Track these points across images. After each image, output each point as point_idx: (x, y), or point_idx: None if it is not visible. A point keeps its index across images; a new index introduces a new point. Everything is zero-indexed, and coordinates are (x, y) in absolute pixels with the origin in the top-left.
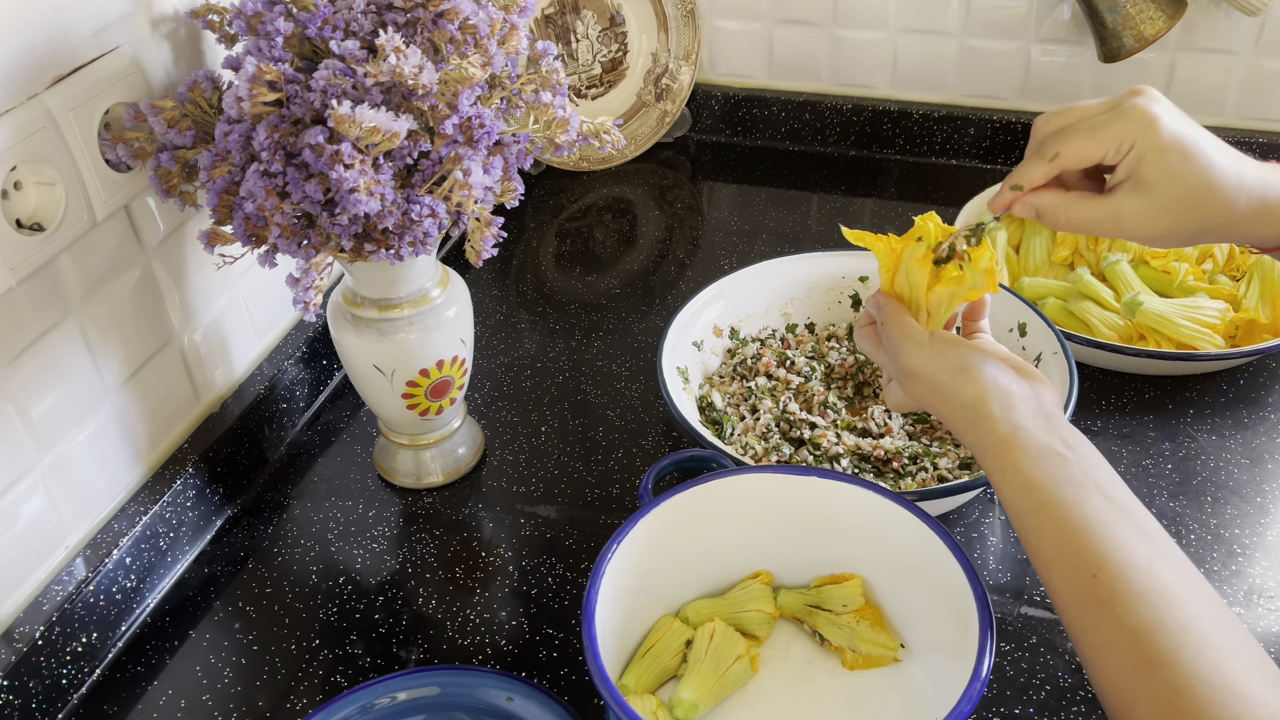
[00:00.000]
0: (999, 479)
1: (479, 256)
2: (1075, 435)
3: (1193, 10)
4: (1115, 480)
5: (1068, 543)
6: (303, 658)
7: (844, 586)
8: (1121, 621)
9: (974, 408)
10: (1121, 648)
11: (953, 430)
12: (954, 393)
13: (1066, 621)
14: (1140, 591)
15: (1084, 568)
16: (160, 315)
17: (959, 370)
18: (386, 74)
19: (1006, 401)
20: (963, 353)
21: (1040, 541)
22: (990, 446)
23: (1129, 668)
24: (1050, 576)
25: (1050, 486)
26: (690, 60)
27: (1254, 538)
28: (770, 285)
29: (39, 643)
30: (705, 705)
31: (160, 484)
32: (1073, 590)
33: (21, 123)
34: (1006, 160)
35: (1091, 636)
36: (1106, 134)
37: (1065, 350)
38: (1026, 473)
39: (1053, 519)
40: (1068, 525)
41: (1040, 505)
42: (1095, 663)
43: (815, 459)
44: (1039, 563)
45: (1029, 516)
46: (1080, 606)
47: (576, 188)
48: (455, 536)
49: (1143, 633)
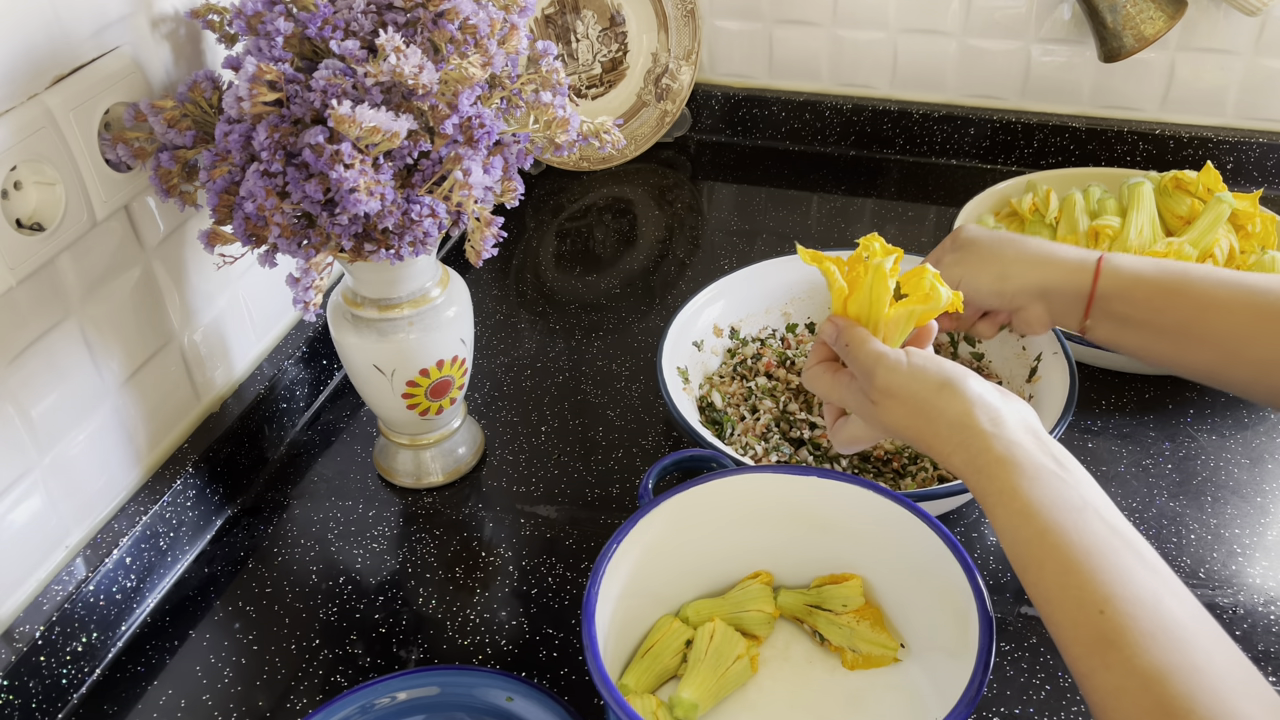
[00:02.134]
0: (994, 502)
1: (479, 256)
2: (1065, 453)
3: (1193, 10)
4: (1109, 503)
5: (1071, 575)
6: (303, 658)
7: (844, 586)
8: (1133, 664)
9: (962, 424)
10: (1134, 692)
11: (936, 454)
12: (939, 410)
13: (1071, 660)
14: (1150, 630)
15: (1090, 603)
16: (160, 315)
17: (941, 386)
18: (386, 74)
19: (995, 417)
20: (943, 368)
21: (1041, 573)
22: (985, 466)
23: (1143, 714)
24: (1052, 612)
25: (1050, 512)
26: (690, 60)
27: (1254, 538)
28: (771, 285)
29: (39, 642)
30: (705, 705)
31: (160, 484)
32: (1078, 628)
33: (21, 123)
34: (1006, 160)
35: (1100, 679)
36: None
37: (1065, 350)
38: (1025, 495)
39: (1054, 548)
40: (1070, 556)
41: (1040, 532)
42: (1106, 707)
43: (815, 459)
44: (1039, 595)
45: (1028, 545)
46: (1087, 646)
47: (576, 188)
48: (455, 536)
49: (1155, 677)
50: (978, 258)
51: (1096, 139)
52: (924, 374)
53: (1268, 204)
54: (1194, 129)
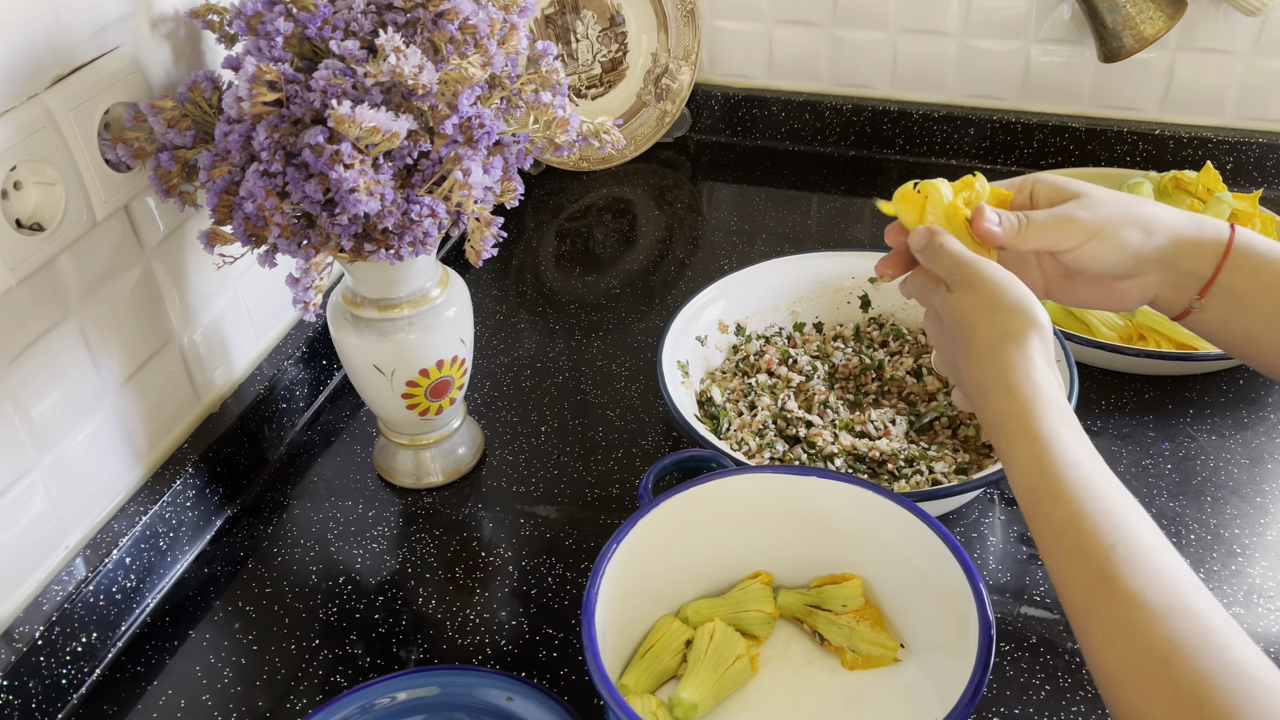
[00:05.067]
0: (1016, 426)
1: (479, 256)
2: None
3: (1193, 10)
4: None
5: (1087, 507)
6: (303, 658)
7: (844, 586)
8: (1142, 599)
9: (1017, 338)
10: (1140, 627)
11: (975, 356)
12: (1004, 317)
13: (1071, 597)
14: (1158, 569)
15: (1102, 538)
16: (160, 315)
17: (1017, 303)
18: (386, 74)
19: (1048, 354)
20: (1021, 286)
21: (1055, 504)
22: (1017, 386)
23: (1145, 651)
24: (1060, 543)
25: (1072, 450)
26: (690, 60)
27: (1254, 538)
28: (776, 284)
29: (39, 643)
30: (705, 705)
31: (160, 484)
32: (1087, 560)
33: (21, 123)
34: (1006, 160)
35: (1104, 613)
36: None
37: (1065, 350)
38: (1051, 427)
39: (1073, 480)
40: (1089, 491)
41: (1061, 465)
42: (1104, 645)
43: (810, 457)
44: (1050, 526)
45: (1044, 475)
46: (1092, 583)
47: (576, 188)
48: (455, 536)
49: (1163, 613)
50: (1107, 206)
51: (1096, 139)
52: (1007, 280)
53: (1268, 204)
54: (1194, 129)
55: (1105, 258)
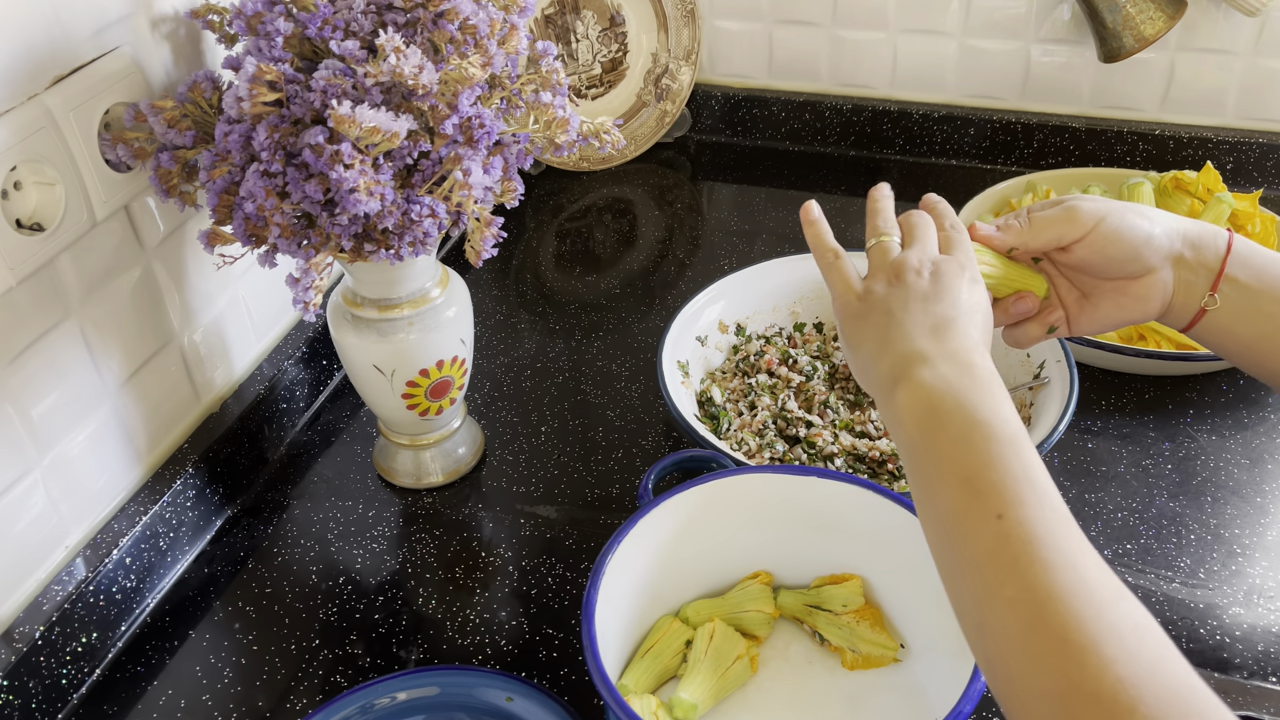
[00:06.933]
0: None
1: (479, 256)
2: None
3: (1193, 10)
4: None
5: (978, 481)
6: (303, 658)
7: (844, 586)
8: (1028, 576)
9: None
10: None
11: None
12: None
13: (963, 575)
14: (1048, 544)
15: (991, 509)
16: (160, 315)
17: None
18: (386, 74)
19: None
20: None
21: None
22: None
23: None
24: (957, 522)
25: (983, 415)
26: (690, 60)
27: (1254, 538)
28: (776, 284)
29: (39, 643)
30: (705, 705)
31: (160, 484)
32: (981, 534)
33: (21, 123)
34: (1006, 160)
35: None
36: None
37: (1065, 350)
38: (974, 399)
39: (969, 451)
40: (984, 462)
41: (964, 432)
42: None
43: (809, 457)
44: (942, 504)
45: (947, 445)
46: (990, 553)
47: (576, 188)
48: (455, 536)
49: (1015, 537)
50: (1105, 199)
51: (1096, 139)
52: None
53: (1268, 204)
54: (1194, 129)
55: (1117, 242)
